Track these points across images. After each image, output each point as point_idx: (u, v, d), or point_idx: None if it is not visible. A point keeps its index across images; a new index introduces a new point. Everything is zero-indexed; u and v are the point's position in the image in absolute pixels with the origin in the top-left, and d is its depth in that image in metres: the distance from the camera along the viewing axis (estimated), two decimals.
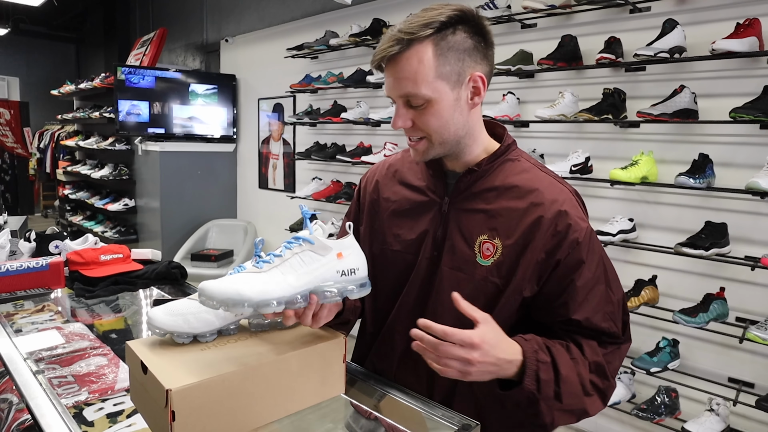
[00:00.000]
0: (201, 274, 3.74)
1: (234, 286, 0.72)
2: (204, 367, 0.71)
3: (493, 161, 0.90)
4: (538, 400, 0.78)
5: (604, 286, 0.86)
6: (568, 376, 0.80)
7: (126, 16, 6.16)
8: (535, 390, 0.78)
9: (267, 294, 0.72)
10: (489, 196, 0.88)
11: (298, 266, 0.76)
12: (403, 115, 0.84)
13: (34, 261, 1.41)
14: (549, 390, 0.79)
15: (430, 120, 0.83)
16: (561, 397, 0.80)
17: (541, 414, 0.79)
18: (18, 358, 0.99)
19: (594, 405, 0.84)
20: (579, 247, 0.83)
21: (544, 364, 0.79)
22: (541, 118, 2.27)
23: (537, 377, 0.78)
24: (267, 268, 0.76)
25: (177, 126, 4.28)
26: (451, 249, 0.89)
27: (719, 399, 1.90)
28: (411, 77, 0.80)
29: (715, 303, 1.90)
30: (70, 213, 6.01)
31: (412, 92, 0.81)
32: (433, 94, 0.81)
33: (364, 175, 1.09)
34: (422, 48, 0.80)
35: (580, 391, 0.82)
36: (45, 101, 7.54)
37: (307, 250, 0.78)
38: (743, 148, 1.91)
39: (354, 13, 3.31)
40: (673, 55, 1.95)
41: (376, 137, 3.29)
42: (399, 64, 0.81)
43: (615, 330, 0.86)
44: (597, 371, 0.84)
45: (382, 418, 0.86)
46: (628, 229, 2.13)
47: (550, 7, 2.28)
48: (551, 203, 0.84)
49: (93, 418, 0.87)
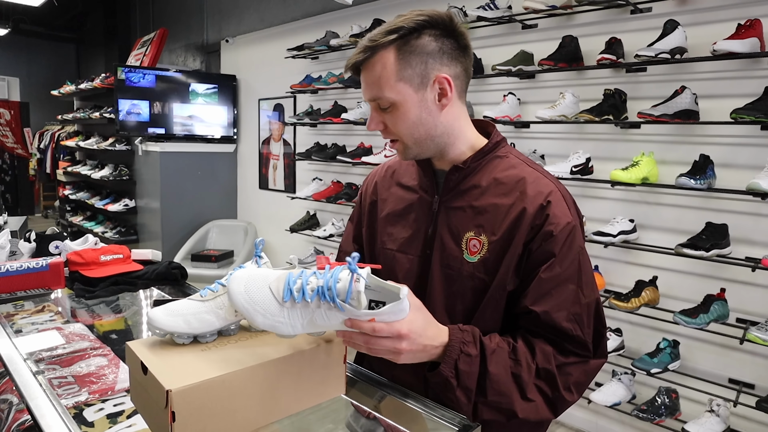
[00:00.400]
0: (201, 275, 3.74)
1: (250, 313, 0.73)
2: (204, 368, 0.71)
3: (480, 159, 0.91)
4: (453, 387, 0.79)
5: (575, 286, 0.83)
6: (498, 374, 0.80)
7: (126, 17, 6.17)
8: (452, 377, 0.79)
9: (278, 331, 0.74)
10: (476, 193, 0.89)
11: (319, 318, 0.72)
12: (375, 118, 0.89)
13: (34, 261, 1.41)
14: (469, 381, 0.79)
15: (398, 122, 0.87)
16: (485, 392, 0.80)
17: (457, 400, 0.80)
18: (18, 358, 0.99)
19: (532, 410, 0.81)
20: (552, 239, 0.82)
21: (467, 356, 0.79)
22: (541, 119, 2.27)
23: (456, 366, 0.79)
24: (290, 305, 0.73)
25: (177, 125, 4.28)
26: (440, 246, 0.90)
27: (719, 400, 1.90)
28: (376, 82, 0.85)
29: (715, 304, 1.90)
30: (70, 213, 6.01)
31: (377, 95, 0.86)
32: (396, 96, 0.85)
33: (366, 179, 1.11)
34: (386, 54, 0.84)
35: (512, 392, 0.80)
36: (45, 101, 7.54)
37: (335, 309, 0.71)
38: (744, 149, 1.91)
39: (354, 14, 3.32)
40: (674, 56, 1.95)
41: (376, 138, 3.29)
42: (366, 71, 0.86)
43: (579, 334, 0.83)
44: (546, 379, 0.82)
45: (382, 418, 0.86)
46: (628, 230, 2.13)
47: (550, 7, 2.28)
48: (535, 196, 0.85)
49: (93, 419, 0.87)
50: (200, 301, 0.81)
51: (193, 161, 4.30)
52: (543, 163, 2.41)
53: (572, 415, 2.45)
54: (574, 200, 0.91)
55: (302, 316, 0.73)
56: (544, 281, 0.83)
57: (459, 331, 0.81)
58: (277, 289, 0.73)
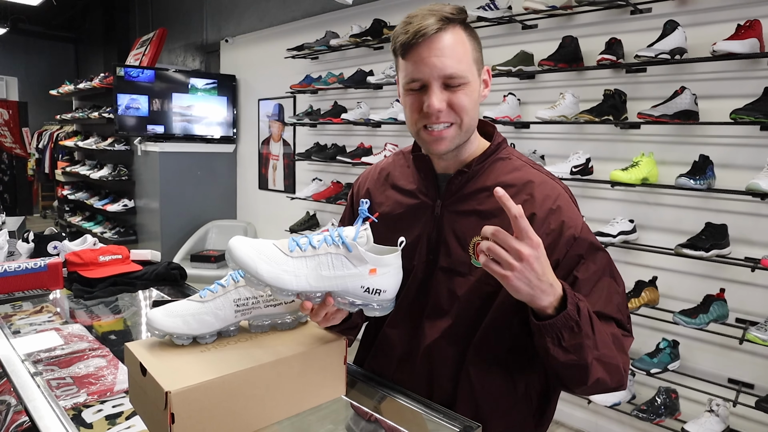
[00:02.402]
0: (200, 275, 3.74)
1: (255, 261, 0.71)
2: (204, 369, 0.71)
3: (484, 161, 0.89)
4: (581, 329, 0.72)
5: (610, 278, 0.85)
6: (601, 330, 0.77)
7: (125, 16, 6.16)
8: (577, 317, 0.72)
9: (282, 283, 0.71)
10: (481, 197, 0.88)
11: (324, 267, 0.73)
12: (440, 96, 0.81)
13: (33, 262, 1.41)
14: (588, 328, 0.73)
15: (465, 101, 0.82)
16: (597, 344, 0.75)
17: (583, 349, 0.73)
18: (16, 359, 0.98)
19: (622, 368, 0.79)
20: (576, 243, 0.83)
21: (583, 302, 0.75)
22: (541, 119, 2.27)
23: (578, 308, 0.73)
24: (297, 254, 0.73)
25: (177, 116, 4.26)
26: (445, 251, 0.88)
27: (719, 400, 1.90)
28: (454, 56, 0.80)
29: (715, 304, 1.90)
30: (68, 213, 6.00)
31: (455, 71, 0.80)
32: (470, 75, 0.82)
33: (356, 180, 1.08)
34: (459, 30, 0.81)
35: (613, 350, 0.77)
36: (44, 101, 7.52)
37: (342, 254, 0.73)
38: (744, 149, 1.91)
39: (354, 14, 3.31)
40: (674, 57, 1.95)
41: (376, 138, 3.28)
42: (441, 42, 0.79)
43: (625, 321, 0.85)
44: (616, 345, 0.81)
45: (383, 420, 0.86)
46: (628, 231, 2.13)
47: (550, 8, 2.28)
48: (543, 200, 0.84)
49: (92, 420, 0.87)
50: (199, 302, 0.80)
51: (192, 161, 4.29)
52: (543, 164, 2.41)
53: (572, 416, 2.45)
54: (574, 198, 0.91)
55: (307, 266, 0.72)
56: (584, 281, 0.82)
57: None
58: (282, 245, 0.74)
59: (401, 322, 0.93)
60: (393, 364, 0.95)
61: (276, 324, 0.86)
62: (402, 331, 0.94)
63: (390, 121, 2.96)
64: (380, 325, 0.97)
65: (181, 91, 4.27)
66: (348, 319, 0.90)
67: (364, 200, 0.76)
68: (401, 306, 0.93)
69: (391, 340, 0.95)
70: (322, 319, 0.79)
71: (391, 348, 0.95)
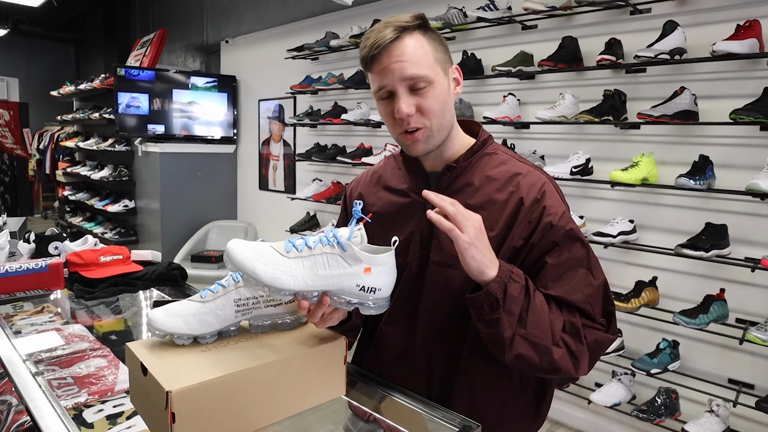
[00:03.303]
0: (201, 276, 3.74)
1: (252, 263, 0.72)
2: (204, 369, 0.71)
3: (471, 157, 0.92)
4: (500, 307, 0.77)
5: (585, 269, 0.85)
6: (538, 312, 0.80)
7: (126, 17, 6.16)
8: (500, 298, 0.77)
9: (279, 282, 0.72)
10: (469, 191, 0.90)
11: (320, 266, 0.75)
12: (407, 101, 0.84)
13: (34, 262, 1.41)
14: (514, 307, 0.78)
15: (433, 103, 0.85)
16: (525, 324, 0.79)
17: (500, 324, 0.78)
18: (17, 359, 0.99)
19: (563, 360, 0.81)
20: (552, 230, 0.84)
21: (516, 283, 0.79)
22: (541, 120, 2.27)
23: (505, 288, 0.78)
24: (293, 255, 0.75)
25: (177, 115, 4.25)
26: (438, 247, 0.90)
27: (719, 400, 1.90)
28: (413, 59, 0.83)
29: (715, 304, 1.90)
30: (69, 214, 6.00)
31: (417, 73, 0.83)
32: (434, 76, 0.84)
33: (349, 184, 1.12)
34: (416, 35, 0.85)
35: (547, 333, 0.80)
36: (44, 102, 7.54)
37: (337, 254, 0.75)
38: (743, 149, 1.91)
39: (354, 14, 3.32)
40: (674, 57, 1.95)
41: (376, 138, 3.29)
42: (399, 49, 0.83)
43: (593, 314, 0.85)
44: (571, 332, 0.82)
45: (381, 419, 0.86)
46: (628, 231, 2.13)
47: (550, 8, 2.29)
48: (529, 190, 0.86)
49: (93, 420, 0.87)
50: (200, 302, 0.81)
51: (193, 162, 4.30)
52: (543, 164, 2.41)
53: (572, 416, 2.45)
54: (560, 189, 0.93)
55: (304, 265, 0.74)
56: (554, 267, 0.84)
57: (506, 263, 0.81)
58: (278, 246, 0.76)
59: (397, 319, 0.95)
60: (391, 361, 0.96)
61: (276, 324, 0.86)
62: (398, 328, 0.95)
63: None
64: (377, 323, 0.98)
65: (182, 88, 4.27)
66: (347, 321, 0.90)
67: (357, 201, 0.78)
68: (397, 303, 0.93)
69: (388, 338, 0.96)
70: (319, 320, 0.80)
71: (388, 345, 0.96)
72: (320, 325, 0.81)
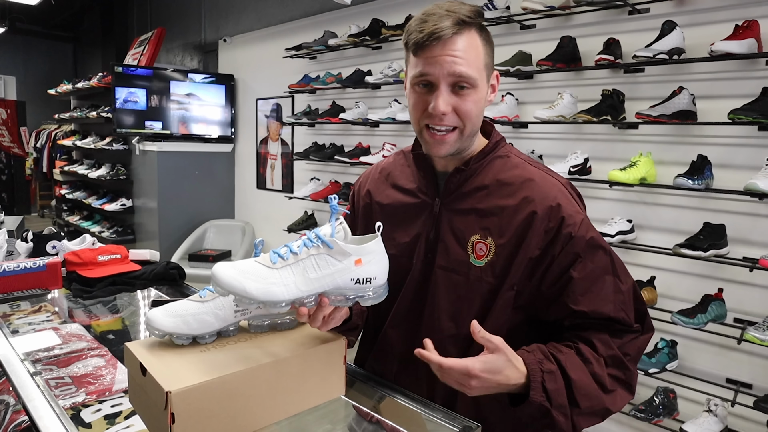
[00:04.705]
0: (199, 275, 3.73)
1: (242, 282, 0.70)
2: (204, 369, 0.71)
3: (482, 159, 0.89)
4: (549, 409, 0.77)
5: (611, 276, 0.84)
6: (581, 380, 0.79)
7: (124, 16, 6.14)
8: (544, 401, 0.76)
9: (272, 296, 0.71)
10: (480, 195, 0.87)
11: (310, 269, 0.73)
12: (447, 99, 0.80)
13: (31, 261, 1.41)
14: (561, 398, 0.77)
15: (471, 107, 0.82)
16: (578, 402, 0.78)
17: (557, 422, 0.77)
18: (15, 359, 0.98)
19: (617, 399, 0.82)
20: (573, 241, 0.82)
21: (549, 373, 0.77)
22: (539, 119, 2.27)
23: (544, 388, 0.76)
24: (280, 264, 0.73)
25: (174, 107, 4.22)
26: (444, 250, 0.88)
27: (717, 400, 1.90)
28: (466, 58, 0.79)
29: (713, 304, 1.90)
30: (67, 213, 5.98)
31: (465, 73, 0.79)
32: (479, 80, 0.82)
33: (357, 180, 1.08)
34: (473, 33, 0.81)
35: (597, 391, 0.80)
36: (42, 100, 7.50)
37: (324, 253, 0.74)
38: (742, 149, 1.92)
39: (353, 14, 3.31)
40: (672, 57, 1.95)
41: (374, 138, 3.28)
42: (455, 44, 0.79)
43: (629, 320, 0.84)
44: (615, 364, 0.82)
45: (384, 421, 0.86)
46: (626, 230, 2.13)
47: (549, 8, 2.28)
48: (543, 198, 0.83)
49: (90, 420, 0.87)
50: (199, 301, 0.80)
51: (190, 161, 4.29)
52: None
53: None
54: (577, 191, 0.90)
55: (293, 273, 0.72)
56: (580, 281, 0.82)
57: (527, 353, 0.79)
58: (263, 260, 0.74)
59: (401, 322, 0.93)
60: (394, 364, 0.94)
61: (275, 324, 0.86)
62: (402, 331, 0.93)
63: (388, 120, 2.96)
64: (380, 325, 0.97)
65: (180, 80, 4.26)
66: (348, 321, 0.90)
67: (332, 196, 0.76)
68: (401, 306, 0.93)
69: (392, 341, 0.95)
70: (321, 324, 0.78)
71: (391, 348, 0.95)
72: (323, 328, 0.80)
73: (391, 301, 0.93)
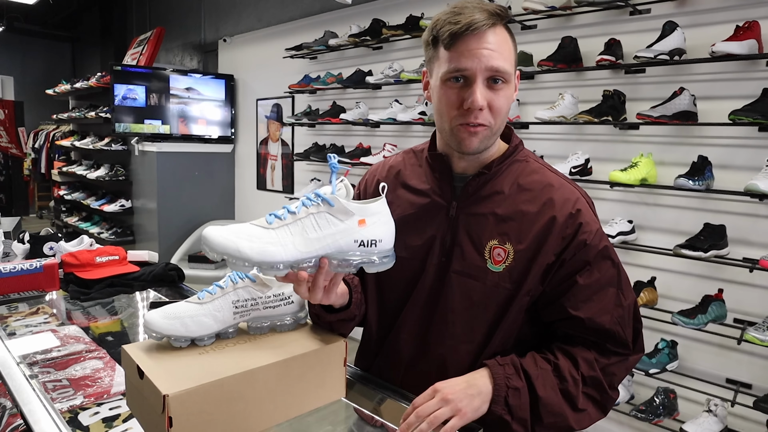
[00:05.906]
0: (198, 276, 3.72)
1: (235, 242, 0.66)
2: (202, 372, 0.70)
3: (501, 163, 0.87)
4: (509, 422, 0.78)
5: (615, 290, 0.83)
6: (548, 397, 0.80)
7: (123, 15, 6.14)
8: (505, 414, 0.78)
9: (269, 256, 0.66)
10: (499, 200, 0.85)
11: (310, 229, 0.68)
12: (484, 93, 0.79)
13: (28, 263, 1.40)
14: (522, 413, 0.79)
15: (503, 103, 0.81)
16: (541, 417, 0.79)
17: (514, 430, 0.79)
18: (11, 361, 0.97)
19: (585, 419, 0.82)
20: (586, 248, 0.82)
21: (515, 390, 0.78)
22: (540, 120, 2.27)
23: (506, 403, 0.78)
24: (277, 224, 0.69)
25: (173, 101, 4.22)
26: (460, 255, 0.86)
27: (717, 400, 1.90)
28: (502, 52, 0.79)
29: (713, 304, 1.90)
30: (65, 214, 5.97)
31: (502, 67, 0.78)
32: (512, 75, 0.81)
33: (363, 177, 1.05)
34: (505, 30, 0.81)
35: (564, 409, 0.80)
36: (40, 101, 7.49)
37: (324, 211, 0.68)
38: (742, 150, 1.91)
39: (353, 14, 3.31)
40: (673, 57, 1.95)
41: (375, 138, 3.28)
42: (491, 37, 0.78)
43: (622, 335, 0.83)
44: (593, 385, 0.82)
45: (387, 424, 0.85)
46: (627, 231, 2.13)
47: (550, 8, 2.28)
48: (563, 204, 0.83)
49: (88, 423, 0.86)
50: (198, 303, 0.79)
51: (190, 161, 4.28)
52: None
53: None
54: (592, 201, 0.90)
55: (292, 232, 0.68)
56: (584, 287, 0.82)
57: (498, 366, 0.80)
58: (260, 222, 0.70)
59: (411, 326, 0.91)
60: (401, 368, 0.92)
61: (275, 326, 0.85)
62: (411, 336, 0.91)
63: (389, 121, 2.96)
64: (387, 329, 0.95)
65: (179, 80, 4.25)
66: (346, 309, 0.87)
67: (331, 155, 0.72)
68: (411, 310, 0.90)
69: (399, 345, 0.92)
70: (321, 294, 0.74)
71: (398, 353, 0.92)
72: (324, 299, 0.76)
73: (400, 305, 0.92)
